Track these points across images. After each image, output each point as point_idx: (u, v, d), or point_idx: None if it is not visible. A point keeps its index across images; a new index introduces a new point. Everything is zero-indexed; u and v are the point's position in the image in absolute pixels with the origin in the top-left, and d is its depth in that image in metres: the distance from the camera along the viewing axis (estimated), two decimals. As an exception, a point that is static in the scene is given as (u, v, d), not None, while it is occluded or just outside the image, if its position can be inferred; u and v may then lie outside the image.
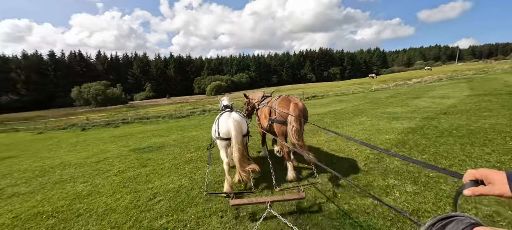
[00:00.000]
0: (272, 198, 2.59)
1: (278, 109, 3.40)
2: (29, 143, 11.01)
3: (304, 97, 20.55)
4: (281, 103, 3.47)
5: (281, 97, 3.61)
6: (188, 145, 6.93)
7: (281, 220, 2.13)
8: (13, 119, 37.71)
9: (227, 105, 4.04)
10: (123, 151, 7.10)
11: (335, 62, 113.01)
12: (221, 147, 3.36)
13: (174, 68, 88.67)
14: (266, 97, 4.57)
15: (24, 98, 68.76)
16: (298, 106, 3.26)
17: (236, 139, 3.03)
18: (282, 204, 2.93)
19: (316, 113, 11.46)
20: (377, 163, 4.01)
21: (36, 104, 67.59)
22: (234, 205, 2.62)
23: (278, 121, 3.42)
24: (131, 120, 17.83)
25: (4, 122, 27.85)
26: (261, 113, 4.08)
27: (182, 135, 9.01)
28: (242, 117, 3.51)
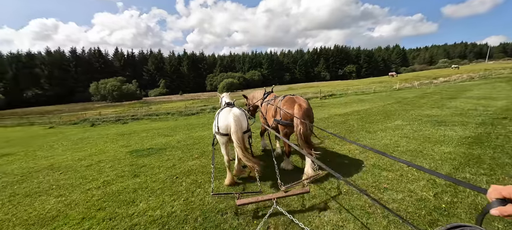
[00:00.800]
0: (277, 194, 2.56)
1: (282, 110, 3.32)
2: (35, 138, 10.71)
3: (320, 95, 19.13)
4: (286, 104, 3.37)
5: (286, 98, 3.49)
6: (192, 149, 6.00)
7: (288, 216, 2.08)
8: (35, 112, 39.35)
9: (229, 102, 3.81)
10: (120, 152, 6.32)
11: (351, 60, 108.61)
12: (221, 143, 3.31)
13: (187, 65, 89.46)
14: (268, 93, 4.46)
15: (47, 93, 72.38)
16: (302, 108, 3.15)
17: (236, 134, 2.93)
18: (289, 201, 2.86)
19: (337, 114, 10.16)
20: (453, 195, 2.77)
21: (58, 98, 70.92)
22: (240, 205, 2.57)
23: (282, 123, 3.33)
24: (140, 116, 17.43)
25: (26, 115, 28.90)
26: (267, 112, 3.98)
27: (188, 135, 8.14)
28: (243, 112, 3.39)
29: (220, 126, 3.21)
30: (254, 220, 2.56)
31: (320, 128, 3.44)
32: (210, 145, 5.53)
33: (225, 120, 3.16)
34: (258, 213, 2.70)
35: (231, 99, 4.20)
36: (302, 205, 2.81)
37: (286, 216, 2.14)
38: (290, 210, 2.67)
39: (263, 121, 4.27)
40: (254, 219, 2.60)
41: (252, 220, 2.58)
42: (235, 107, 3.44)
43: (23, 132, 13.63)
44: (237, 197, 2.66)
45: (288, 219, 2.31)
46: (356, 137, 5.88)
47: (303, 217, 2.55)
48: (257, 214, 2.69)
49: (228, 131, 3.11)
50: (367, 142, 5.36)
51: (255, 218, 2.62)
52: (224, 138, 3.22)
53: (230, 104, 3.69)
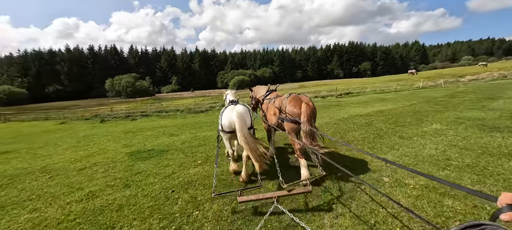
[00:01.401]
0: (279, 193, 2.54)
1: (289, 109, 3.33)
2: (44, 134, 10.59)
3: (336, 94, 17.93)
4: (292, 103, 3.37)
5: (292, 96, 3.50)
6: (196, 152, 5.33)
7: (289, 214, 2.05)
8: (54, 107, 40.84)
9: (233, 100, 3.82)
10: (119, 154, 5.78)
11: (366, 57, 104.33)
12: (225, 138, 3.37)
13: (199, 62, 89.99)
14: (271, 91, 4.41)
15: (67, 89, 75.57)
16: (310, 107, 3.18)
17: (241, 131, 2.90)
18: (290, 201, 2.82)
19: (358, 114, 9.13)
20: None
21: (76, 94, 73.85)
22: (241, 202, 2.55)
23: (289, 120, 3.33)
24: (149, 113, 17.18)
25: (45, 110, 29.93)
26: (268, 110, 3.97)
27: (194, 135, 7.51)
28: (247, 109, 3.40)
29: (224, 124, 3.22)
30: (255, 218, 2.53)
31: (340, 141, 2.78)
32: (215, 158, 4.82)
33: (229, 117, 3.15)
34: (258, 210, 2.67)
35: (235, 97, 4.17)
36: (303, 204, 2.76)
37: (286, 215, 2.10)
38: (291, 209, 2.60)
39: (265, 125, 4.29)
40: (254, 216, 2.57)
41: (253, 217, 2.55)
42: (238, 104, 3.41)
43: (36, 127, 13.73)
44: (239, 194, 2.62)
45: (288, 218, 2.31)
46: (389, 144, 4.93)
47: (304, 217, 2.49)
48: (257, 212, 2.66)
49: (232, 128, 3.11)
50: (406, 150, 4.40)
51: (255, 215, 2.60)
52: (228, 135, 3.28)
53: (233, 102, 3.66)
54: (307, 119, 3.06)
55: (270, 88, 4.57)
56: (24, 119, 19.22)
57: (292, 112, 3.27)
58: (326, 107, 12.66)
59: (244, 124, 3.00)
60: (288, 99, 3.45)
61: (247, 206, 2.78)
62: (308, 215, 2.54)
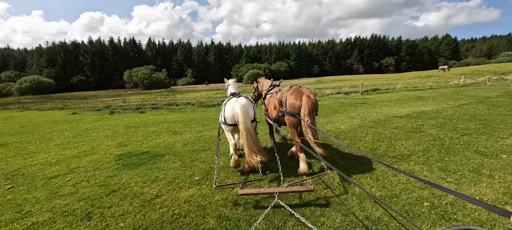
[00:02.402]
0: (280, 189, 2.48)
1: (289, 101, 3.23)
2: (49, 125, 10.13)
3: (362, 90, 16.02)
4: (293, 95, 3.25)
5: (293, 89, 3.37)
6: (196, 161, 4.19)
7: (289, 210, 2.03)
8: (75, 97, 42.42)
9: (235, 93, 3.81)
10: (108, 156, 4.81)
11: (389, 51, 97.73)
12: (227, 130, 3.28)
13: (214, 56, 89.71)
14: (274, 86, 4.31)
15: (89, 79, 79.04)
16: (311, 99, 3.06)
17: (244, 124, 2.86)
18: (292, 197, 2.77)
19: (396, 115, 7.49)
20: None
21: (98, 84, 77.06)
22: (242, 195, 2.55)
23: (289, 113, 3.21)
24: (160, 105, 16.52)
25: (64, 99, 30.89)
26: (269, 104, 3.91)
27: (199, 135, 6.41)
28: (249, 101, 3.37)
29: (226, 116, 3.16)
30: (255, 211, 2.50)
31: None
32: (218, 173, 3.70)
33: (232, 110, 3.09)
34: (259, 204, 2.63)
35: (237, 89, 4.09)
36: (304, 201, 2.70)
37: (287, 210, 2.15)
38: (291, 205, 2.55)
39: (265, 113, 4.22)
40: (255, 209, 2.53)
41: (254, 211, 2.50)
42: (241, 97, 3.36)
43: (47, 116, 13.53)
44: (240, 186, 2.59)
45: (288, 213, 2.32)
46: (469, 165, 3.41)
47: (304, 213, 2.45)
48: (258, 206, 2.61)
49: (234, 121, 3.06)
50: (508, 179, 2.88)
51: (256, 208, 2.55)
52: (230, 127, 3.20)
53: (235, 94, 3.64)
54: (308, 111, 2.98)
55: (273, 84, 4.41)
56: (41, 107, 19.52)
57: (293, 105, 3.19)
58: (352, 105, 11.01)
59: (247, 116, 2.94)
60: (288, 92, 3.34)
61: (248, 199, 2.73)
62: (307, 210, 2.50)
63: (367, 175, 3.25)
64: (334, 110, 9.57)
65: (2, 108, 21.30)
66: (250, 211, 2.52)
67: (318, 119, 8.01)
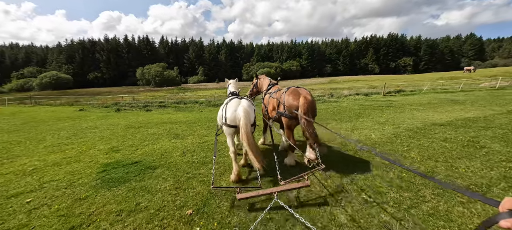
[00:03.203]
0: (278, 188, 2.53)
1: (287, 102, 3.26)
2: (51, 122, 9.70)
3: (385, 91, 14.56)
4: (290, 96, 3.28)
5: (291, 90, 3.39)
6: (192, 180, 3.30)
7: (289, 210, 1.97)
8: (89, 93, 43.33)
9: (234, 92, 3.91)
10: (91, 166, 4.04)
11: (407, 51, 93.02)
12: (228, 134, 3.19)
13: (225, 54, 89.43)
14: (272, 85, 4.31)
15: (105, 76, 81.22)
16: (308, 100, 3.08)
17: (245, 127, 2.85)
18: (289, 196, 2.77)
19: (436, 123, 6.24)
20: None
21: (113, 81, 79.00)
22: (241, 199, 2.51)
23: (286, 115, 3.24)
24: (167, 103, 15.92)
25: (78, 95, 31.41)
26: (268, 104, 3.88)
27: (202, 140, 5.53)
28: (251, 104, 3.32)
29: (228, 117, 3.12)
30: (254, 213, 2.46)
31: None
32: (221, 192, 2.82)
33: (234, 112, 3.07)
34: (257, 206, 2.60)
35: (237, 89, 4.13)
36: (302, 200, 2.70)
37: (287, 211, 2.14)
38: (290, 204, 2.58)
39: (264, 113, 4.16)
40: (253, 212, 2.50)
41: (252, 213, 2.47)
42: (244, 99, 3.32)
43: (55, 112, 13.30)
44: (238, 191, 2.61)
45: (287, 212, 2.32)
46: None
47: (302, 212, 2.46)
48: (256, 207, 2.59)
49: (236, 123, 3.04)
50: None
51: (254, 211, 2.52)
52: (231, 130, 3.14)
53: (234, 94, 3.75)
54: (305, 112, 2.99)
55: (271, 82, 4.39)
56: (52, 103, 19.61)
57: (290, 105, 3.20)
58: (376, 108, 9.75)
59: (249, 121, 2.93)
60: (286, 93, 3.35)
61: (246, 201, 2.65)
62: (305, 209, 2.50)
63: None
64: (357, 114, 8.40)
65: (18, 103, 21.73)
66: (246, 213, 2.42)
67: (340, 124, 6.90)
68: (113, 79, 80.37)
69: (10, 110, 14.91)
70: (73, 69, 77.29)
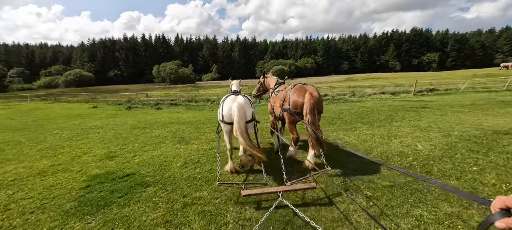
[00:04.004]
0: (283, 187, 2.50)
1: (292, 99, 3.22)
2: (60, 120, 9.53)
3: (415, 90, 12.96)
4: (296, 93, 3.25)
5: (297, 86, 3.36)
6: (189, 209, 2.53)
7: (293, 209, 1.99)
8: (108, 90, 44.80)
9: (235, 90, 3.98)
10: (78, 177, 3.44)
11: (432, 47, 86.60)
12: (225, 131, 3.28)
13: (239, 51, 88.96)
14: (280, 84, 4.25)
15: (124, 73, 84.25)
16: (313, 96, 3.03)
17: (238, 123, 2.85)
18: (294, 196, 2.75)
19: (497, 130, 4.98)
20: None
21: (131, 78, 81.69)
22: (245, 196, 2.56)
23: (292, 111, 3.19)
24: (179, 101, 15.50)
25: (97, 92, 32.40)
26: (275, 102, 3.80)
27: (209, 147, 4.78)
28: (248, 101, 3.30)
29: (224, 114, 3.14)
30: (259, 212, 2.45)
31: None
32: None
33: (229, 108, 3.09)
34: (262, 205, 2.59)
35: (238, 88, 4.29)
36: (307, 200, 2.68)
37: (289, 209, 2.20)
38: (294, 204, 2.40)
39: (271, 111, 4.11)
40: (258, 210, 2.48)
41: (257, 211, 2.47)
42: (240, 95, 3.32)
43: (68, 110, 13.35)
44: (243, 187, 2.61)
45: (291, 212, 2.32)
46: None
47: (307, 212, 2.44)
48: (261, 206, 2.58)
49: (231, 119, 3.05)
50: None
51: (259, 209, 2.50)
52: (227, 126, 3.17)
53: (235, 92, 3.72)
54: (310, 109, 2.94)
55: (278, 81, 4.37)
56: (70, 100, 20.07)
57: (296, 102, 3.18)
58: (410, 109, 8.44)
59: (243, 116, 2.94)
60: (292, 90, 3.33)
61: (250, 199, 2.67)
62: (311, 209, 2.48)
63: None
64: (388, 117, 7.22)
65: (40, 99, 22.61)
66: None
67: (372, 129, 5.82)
68: (131, 76, 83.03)
69: (30, 107, 15.28)
70: (95, 67, 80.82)
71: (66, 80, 63.78)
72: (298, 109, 3.16)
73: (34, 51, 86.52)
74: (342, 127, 6.20)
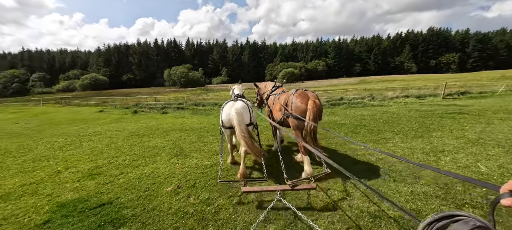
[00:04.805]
0: (282, 187, 2.51)
1: (295, 105, 3.24)
2: (62, 125, 9.17)
3: (444, 93, 11.57)
4: (299, 98, 3.27)
5: (299, 92, 3.39)
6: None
7: (291, 208, 2.07)
8: (120, 93, 45.60)
9: (239, 94, 4.06)
10: (45, 205, 2.72)
11: (451, 47, 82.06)
12: (226, 135, 3.50)
13: (249, 55, 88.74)
14: (277, 87, 4.32)
15: (136, 77, 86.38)
16: (317, 104, 3.07)
17: (239, 127, 2.93)
18: (293, 196, 2.77)
19: None
20: None
21: (143, 82, 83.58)
22: (245, 192, 2.62)
23: (294, 116, 3.22)
24: (186, 105, 14.96)
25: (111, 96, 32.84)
26: (274, 105, 3.88)
27: (210, 163, 3.98)
28: (246, 106, 3.42)
29: (223, 120, 3.29)
30: (258, 210, 2.49)
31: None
32: None
33: (227, 114, 3.22)
34: (262, 204, 2.62)
35: (241, 91, 4.29)
36: (306, 200, 2.71)
37: (289, 209, 2.23)
38: (293, 204, 2.47)
39: (268, 114, 4.20)
40: (257, 209, 2.52)
41: (256, 210, 2.51)
42: (239, 101, 3.45)
43: (74, 114, 13.14)
44: (243, 184, 2.66)
45: (291, 212, 2.36)
46: None
47: (306, 212, 2.44)
48: (261, 204, 2.61)
49: (230, 124, 3.17)
50: None
51: (258, 208, 2.54)
52: (227, 131, 3.38)
53: (238, 96, 3.96)
54: (313, 116, 2.96)
55: (276, 84, 4.44)
56: (79, 103, 20.17)
57: (299, 108, 3.19)
58: (445, 116, 7.24)
59: (242, 120, 3.01)
60: (294, 95, 3.36)
61: (250, 198, 2.73)
62: (310, 210, 2.50)
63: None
64: (422, 125, 6.12)
65: (55, 102, 23.03)
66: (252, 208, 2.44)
67: (407, 141, 4.79)
68: (144, 80, 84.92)
69: (39, 111, 15.30)
70: (110, 71, 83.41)
71: (82, 84, 66.05)
72: (301, 115, 3.16)
73: (54, 56, 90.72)
74: (368, 137, 5.21)
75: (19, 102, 26.11)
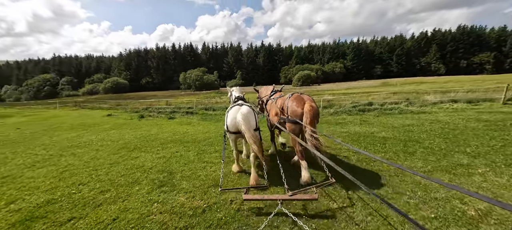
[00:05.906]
0: (283, 196, 2.48)
1: (291, 109, 3.25)
2: (64, 131, 8.51)
3: (505, 97, 9.33)
4: (294, 102, 3.27)
5: (294, 96, 3.39)
6: None
7: (292, 218, 2.05)
8: (138, 96, 46.64)
9: (239, 96, 3.97)
10: None
11: (485, 46, 74.60)
12: (231, 139, 3.41)
13: (263, 57, 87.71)
14: (276, 91, 4.37)
15: (154, 81, 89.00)
16: (313, 108, 3.05)
17: (248, 132, 2.91)
18: (294, 205, 2.66)
19: None
20: None
21: (161, 85, 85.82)
22: (246, 200, 2.58)
23: (290, 121, 3.24)
24: (195, 109, 14.00)
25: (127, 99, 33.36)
26: (271, 110, 3.95)
27: (205, 203, 2.72)
28: (251, 110, 3.34)
29: (229, 125, 3.26)
30: (258, 218, 2.43)
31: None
32: None
33: (234, 119, 3.17)
34: (262, 211, 2.54)
35: (241, 93, 4.25)
36: (307, 209, 2.60)
37: (291, 219, 2.17)
38: (294, 213, 2.44)
39: (267, 118, 4.21)
40: (258, 217, 2.46)
41: (256, 218, 2.44)
42: (244, 105, 3.38)
43: (81, 118, 12.74)
44: (244, 192, 2.66)
45: (291, 221, 2.28)
46: None
47: (307, 221, 2.35)
48: (261, 213, 2.53)
49: (236, 129, 3.15)
50: None
51: (259, 216, 2.47)
52: (233, 136, 3.33)
53: (240, 98, 3.88)
54: (310, 120, 2.97)
55: (274, 89, 4.46)
56: (92, 107, 20.17)
57: (295, 112, 3.20)
58: (526, 129, 5.36)
59: (249, 125, 2.99)
60: (290, 99, 3.36)
61: (251, 205, 2.66)
62: (311, 220, 2.41)
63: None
64: (507, 143, 4.37)
65: (73, 104, 23.48)
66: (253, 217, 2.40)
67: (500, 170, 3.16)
68: (161, 83, 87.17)
69: (49, 115, 15.22)
70: (130, 75, 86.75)
71: (105, 87, 69.11)
72: (297, 119, 3.14)
73: (81, 61, 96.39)
74: (433, 164, 3.62)
75: (41, 105, 27.16)
